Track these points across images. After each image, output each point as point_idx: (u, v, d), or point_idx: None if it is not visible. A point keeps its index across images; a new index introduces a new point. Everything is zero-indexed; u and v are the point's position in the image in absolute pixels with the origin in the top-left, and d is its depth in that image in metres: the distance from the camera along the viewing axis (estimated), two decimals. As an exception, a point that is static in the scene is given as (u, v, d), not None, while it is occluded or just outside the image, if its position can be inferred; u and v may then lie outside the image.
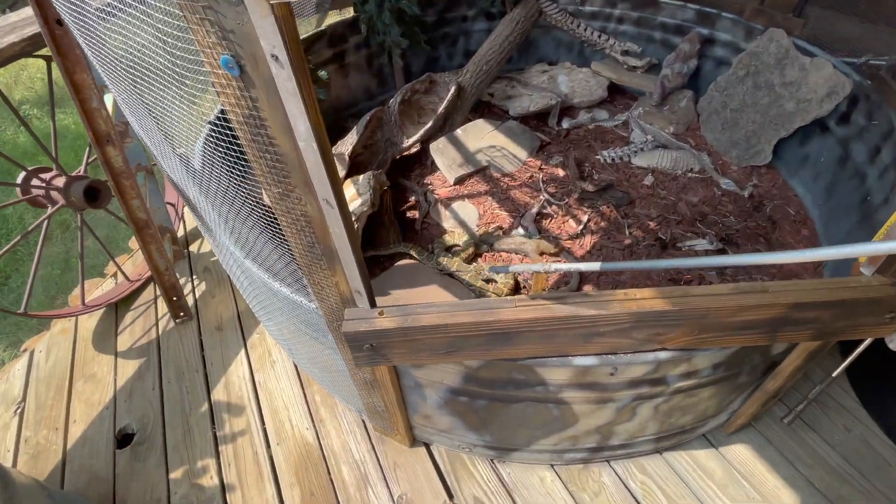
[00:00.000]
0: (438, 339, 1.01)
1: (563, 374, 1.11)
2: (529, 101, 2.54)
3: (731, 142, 2.23)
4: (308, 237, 0.89)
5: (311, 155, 0.71)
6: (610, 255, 1.87)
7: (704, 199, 2.06)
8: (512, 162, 2.29)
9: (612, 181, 2.17)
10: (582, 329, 0.99)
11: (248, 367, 1.88)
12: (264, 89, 0.66)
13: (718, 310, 0.95)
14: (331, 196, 0.77)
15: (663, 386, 1.19)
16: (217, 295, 2.14)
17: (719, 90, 2.27)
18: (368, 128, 2.16)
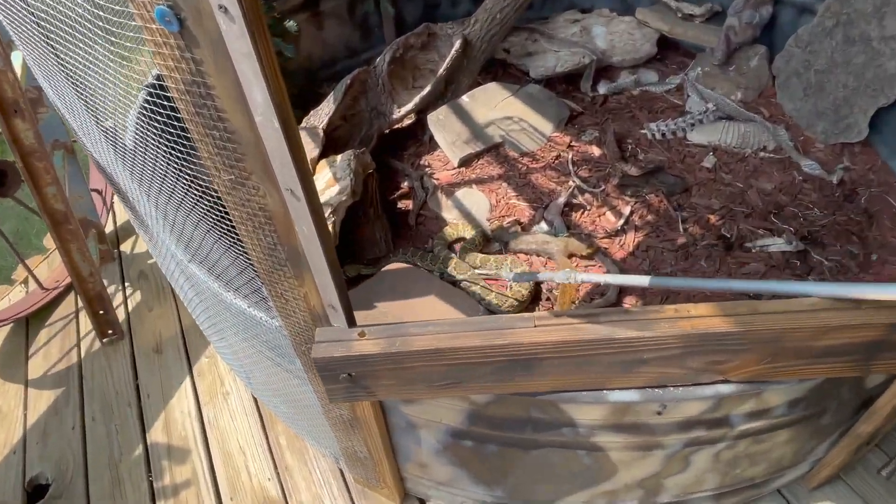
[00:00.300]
0: (437, 368, 1.01)
1: (596, 412, 1.11)
2: (556, 60, 2.54)
3: (816, 112, 2.21)
4: (268, 237, 0.89)
5: (270, 133, 0.71)
6: (659, 257, 1.87)
7: (781, 186, 2.05)
8: (533, 137, 2.29)
9: (661, 162, 2.17)
10: (621, 355, 0.98)
11: (194, 399, 1.89)
12: (210, 49, 0.66)
13: (796, 331, 0.94)
14: (297, 185, 0.77)
15: (725, 428, 1.18)
16: (155, 308, 2.15)
17: (801, 46, 2.26)
18: (349, 94, 2.17)
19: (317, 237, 0.84)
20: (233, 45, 0.64)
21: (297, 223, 0.84)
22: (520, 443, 1.24)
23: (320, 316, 1.03)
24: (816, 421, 1.27)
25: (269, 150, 0.75)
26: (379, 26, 2.79)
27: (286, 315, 1.07)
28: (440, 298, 1.77)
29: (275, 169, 0.77)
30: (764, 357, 0.99)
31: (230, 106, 0.72)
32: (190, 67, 0.69)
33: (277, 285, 1.00)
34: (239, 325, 1.42)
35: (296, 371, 1.35)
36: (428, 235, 2.01)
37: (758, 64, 2.41)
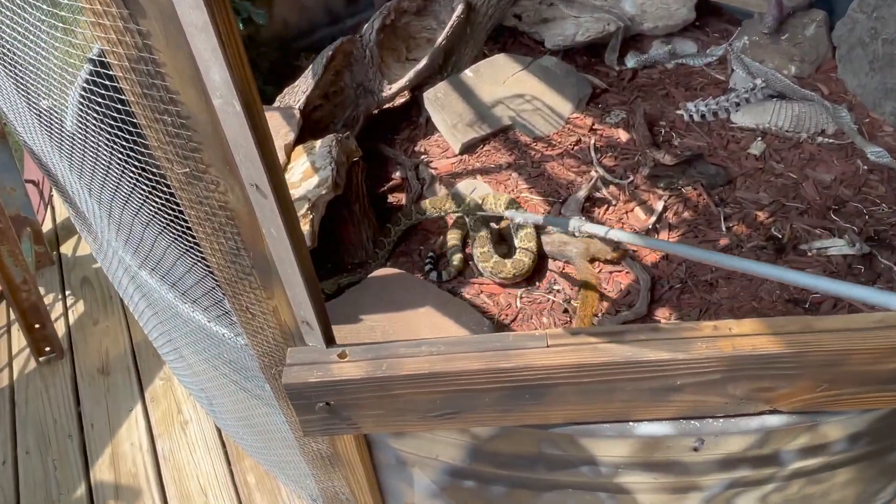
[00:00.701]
0: (431, 396, 1.01)
1: (621, 448, 1.11)
2: (576, 27, 2.54)
3: (885, 89, 2.21)
4: (230, 241, 0.89)
5: (231, 118, 0.71)
6: (697, 262, 1.87)
7: (842, 177, 2.05)
8: (549, 119, 2.29)
9: (700, 149, 2.17)
10: (649, 381, 0.98)
11: (146, 429, 1.89)
12: (160, 20, 0.66)
13: (858, 353, 0.94)
14: (263, 180, 0.77)
15: (774, 467, 1.18)
16: (101, 321, 2.16)
17: (866, 11, 2.25)
18: (331, 68, 2.17)
19: (288, 241, 0.84)
20: (186, 16, 0.64)
21: (265, 224, 0.84)
22: (531, 483, 1.24)
23: (292, 334, 1.03)
24: (883, 458, 1.26)
25: (230, 138, 0.74)
26: (367, -12, 2.80)
27: (252, 332, 1.07)
28: (437, 310, 1.77)
29: (237, 161, 0.77)
30: (820, 383, 0.98)
31: (184, 87, 0.71)
32: (135, 41, 0.68)
33: (242, 297, 1.00)
34: (198, 343, 1.42)
35: (265, 397, 1.35)
36: (424, 235, 2.01)
37: (815, 33, 2.41)
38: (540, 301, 1.82)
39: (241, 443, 1.80)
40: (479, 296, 1.84)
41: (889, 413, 1.11)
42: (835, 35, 2.38)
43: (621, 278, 1.85)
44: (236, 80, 0.68)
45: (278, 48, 2.58)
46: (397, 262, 1.96)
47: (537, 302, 1.82)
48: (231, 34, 0.66)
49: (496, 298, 1.83)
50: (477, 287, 1.86)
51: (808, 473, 1.23)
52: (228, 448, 1.86)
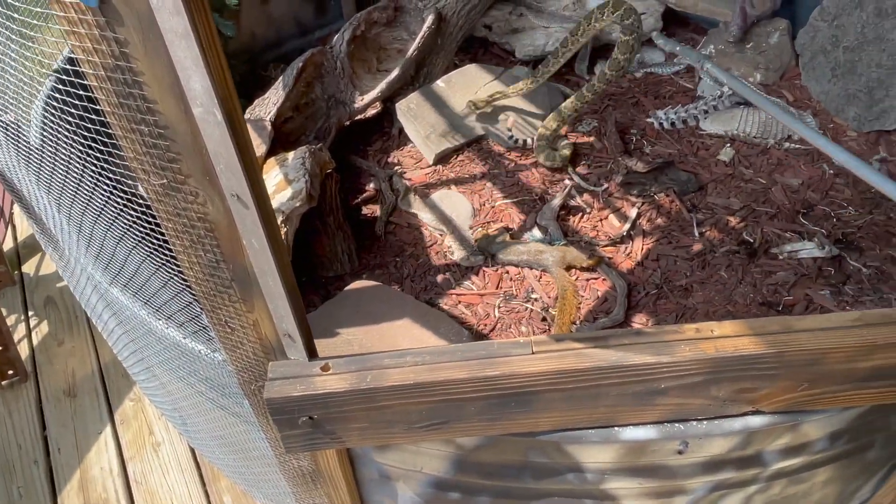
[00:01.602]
0: (417, 406, 1.00)
1: (606, 453, 1.12)
2: (546, 37, 2.58)
3: (847, 95, 2.28)
4: (209, 253, 0.88)
5: (212, 128, 0.71)
6: (672, 267, 1.89)
7: (810, 182, 2.10)
8: (522, 129, 2.31)
9: (671, 156, 2.21)
10: (633, 385, 0.99)
11: (116, 452, 1.85)
12: (138, 28, 0.65)
13: (836, 351, 0.96)
14: (245, 189, 0.76)
15: (758, 468, 1.20)
16: (67, 341, 2.11)
17: (827, 19, 2.33)
18: (301, 79, 2.17)
19: (269, 253, 0.84)
20: (166, 23, 0.63)
21: (246, 236, 0.83)
22: (517, 493, 1.24)
23: (273, 348, 1.02)
24: (862, 456, 1.29)
25: (210, 148, 0.74)
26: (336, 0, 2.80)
27: (231, 347, 1.06)
28: (415, 321, 1.76)
29: (217, 171, 0.76)
30: (800, 383, 1.01)
31: (162, 96, 0.71)
32: (112, 50, 0.68)
33: (221, 311, 0.98)
34: (173, 361, 1.40)
35: (244, 415, 1.33)
36: (400, 246, 2.01)
37: (779, 41, 2.48)
38: (518, 310, 1.82)
39: (216, 463, 1.77)
40: (457, 306, 1.84)
41: (867, 411, 1.14)
42: (798, 43, 2.45)
43: (598, 285, 1.87)
44: (217, 88, 0.68)
45: (247, 60, 2.57)
46: (373, 274, 1.95)
47: (515, 311, 1.82)
48: (212, 41, 0.66)
49: (474, 308, 1.83)
50: (455, 298, 1.87)
51: (790, 473, 1.25)
52: (203, 469, 1.83)
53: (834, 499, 1.42)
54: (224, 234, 0.85)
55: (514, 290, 1.87)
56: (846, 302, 1.79)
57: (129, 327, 1.48)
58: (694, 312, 1.79)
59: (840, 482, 1.36)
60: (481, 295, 1.87)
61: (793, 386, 1.01)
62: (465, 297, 1.86)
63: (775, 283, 1.84)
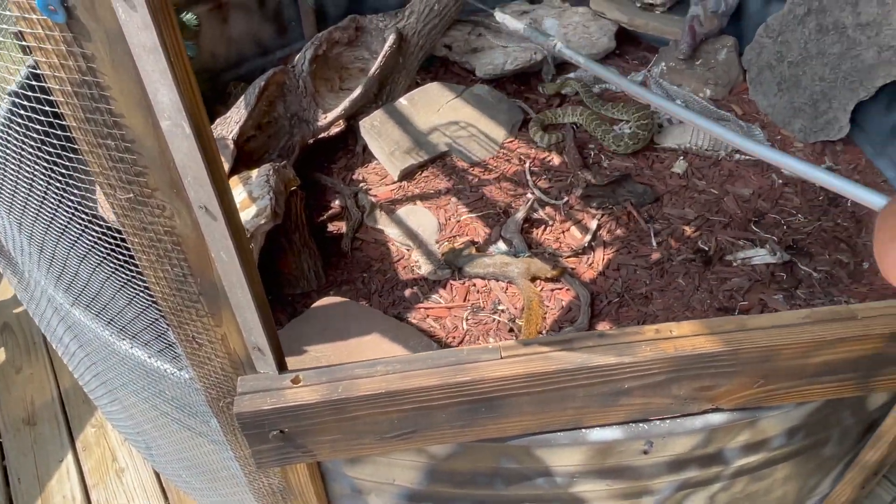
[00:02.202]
0: (389, 415, 1.01)
1: (575, 456, 1.13)
2: (505, 57, 2.63)
3: (793, 108, 2.38)
4: (176, 267, 0.88)
5: (180, 140, 0.71)
6: (633, 276, 1.94)
7: (760, 192, 2.18)
8: (484, 145, 2.35)
9: (628, 170, 2.27)
10: (599, 386, 1.01)
11: (79, 480, 1.80)
12: (106, 42, 0.66)
13: (788, 347, 1.00)
14: (213, 201, 0.77)
15: (720, 466, 1.23)
16: (25, 368, 2.05)
17: (771, 36, 2.43)
18: (264, 98, 2.17)
19: (238, 264, 0.84)
20: (134, 37, 0.64)
21: (214, 248, 0.83)
22: (489, 501, 1.25)
23: (242, 362, 1.02)
24: (818, 452, 1.34)
25: (178, 160, 0.74)
26: (296, 20, 2.82)
27: (199, 364, 1.05)
28: (384, 336, 1.77)
29: (185, 183, 0.76)
30: (756, 379, 1.04)
31: (130, 109, 0.71)
32: (79, 65, 0.68)
33: (188, 327, 0.98)
34: (137, 382, 1.37)
35: (210, 433, 1.32)
36: (367, 262, 2.02)
37: (726, 57, 2.58)
38: (485, 322, 1.84)
39: (183, 486, 1.74)
40: (426, 320, 1.85)
41: (821, 406, 1.18)
42: (744, 59, 2.55)
43: (562, 295, 1.90)
44: (185, 101, 0.69)
45: (207, 80, 2.56)
46: (340, 291, 1.95)
47: (483, 323, 1.84)
48: (179, 55, 0.67)
49: (442, 321, 1.85)
50: (423, 311, 1.88)
51: (751, 471, 1.29)
52: (169, 493, 1.79)
53: (794, 495, 1.46)
54: (191, 247, 0.85)
55: (481, 303, 1.89)
56: (798, 305, 1.86)
57: (91, 349, 1.45)
58: (654, 319, 1.83)
59: (799, 479, 1.40)
60: (449, 308, 1.88)
61: (749, 382, 1.05)
62: (434, 311, 1.88)
63: (731, 288, 1.90)
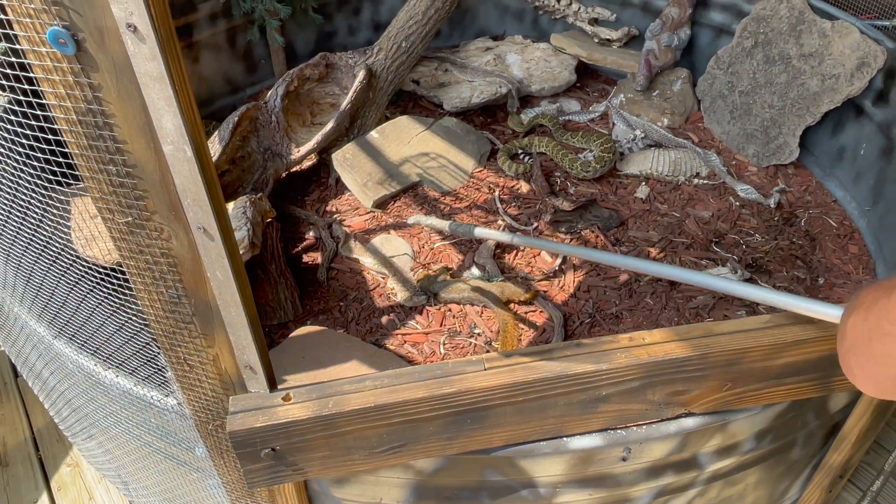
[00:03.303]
0: (377, 429, 1.04)
1: (557, 465, 1.18)
2: (471, 91, 2.72)
3: (745, 134, 2.51)
4: (171, 289, 0.91)
5: (182, 164, 0.75)
6: (602, 297, 2.01)
7: (719, 214, 2.29)
8: (454, 175, 2.42)
9: (594, 195, 2.36)
10: (578, 394, 1.06)
11: (54, 521, 1.76)
12: (113, 72, 0.70)
13: (753, 350, 1.07)
14: (212, 222, 0.81)
15: (695, 471, 1.28)
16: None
17: (722, 67, 2.58)
18: (237, 133, 2.21)
19: (234, 283, 0.87)
20: (141, 67, 0.68)
21: (210, 268, 0.87)
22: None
23: (233, 382, 1.04)
24: (786, 455, 1.40)
25: (178, 183, 0.78)
26: (266, 58, 2.88)
27: (189, 386, 1.07)
28: (363, 362, 1.79)
29: (185, 205, 0.80)
30: (724, 382, 1.10)
31: (132, 136, 0.75)
32: (85, 94, 0.72)
33: (180, 349, 1.00)
34: (119, 413, 1.38)
35: (195, 462, 1.32)
36: (343, 291, 2.05)
37: (681, 88, 2.71)
38: (462, 345, 1.88)
39: (163, 522, 1.72)
40: (404, 346, 1.89)
41: (786, 408, 1.25)
42: (698, 90, 2.69)
43: (536, 317, 1.96)
44: (188, 126, 0.73)
45: (180, 118, 2.59)
46: (317, 320, 1.98)
47: (460, 346, 1.88)
48: (183, 83, 0.72)
49: (420, 347, 1.88)
50: (400, 338, 1.91)
51: (725, 475, 1.34)
52: (148, 530, 1.76)
53: (766, 499, 1.52)
54: (188, 268, 0.88)
55: (457, 327, 1.93)
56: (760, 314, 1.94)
57: (71, 382, 1.45)
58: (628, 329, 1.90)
59: (770, 483, 1.46)
60: (426, 333, 1.92)
61: (718, 386, 1.11)
62: (411, 337, 1.91)
63: (696, 306, 1.98)
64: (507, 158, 2.46)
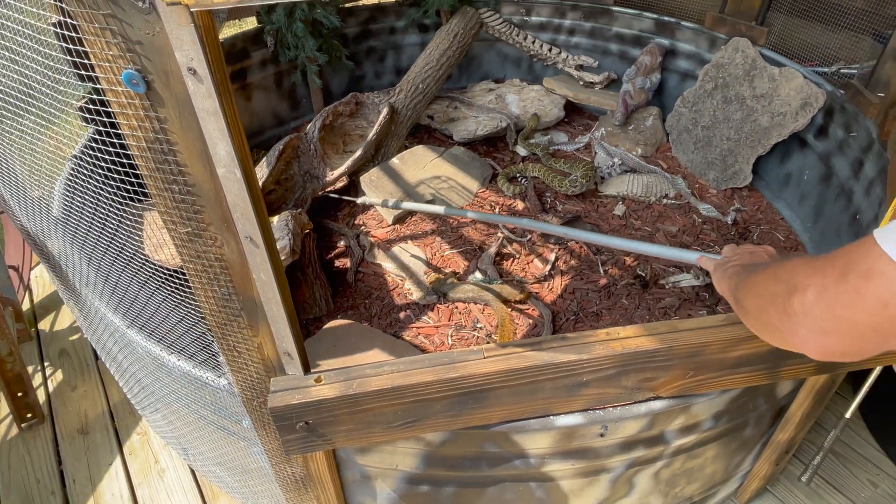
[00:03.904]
0: (394, 407, 1.03)
1: (545, 440, 1.17)
2: (476, 124, 2.72)
3: (707, 162, 2.49)
4: (223, 288, 0.91)
5: (232, 183, 0.76)
6: (585, 297, 1.99)
7: (684, 229, 2.27)
8: (461, 195, 2.42)
9: (578, 212, 2.35)
10: (563, 379, 1.05)
11: (126, 480, 1.77)
12: (176, 108, 0.70)
13: (712, 344, 1.05)
14: (256, 232, 0.81)
15: (662, 446, 1.27)
16: (80, 386, 2.03)
17: (687, 106, 2.56)
18: (282, 159, 2.22)
19: (275, 283, 0.87)
20: (199, 104, 0.69)
21: (255, 271, 0.87)
22: (475, 481, 1.27)
23: (274, 366, 1.04)
24: (740, 433, 1.38)
25: (229, 200, 0.78)
26: (307, 97, 2.89)
27: (238, 369, 1.07)
28: (383, 350, 1.79)
29: (235, 218, 0.80)
30: (687, 371, 1.09)
31: (192, 160, 0.76)
32: (153, 126, 0.73)
33: (230, 337, 1.00)
34: (180, 391, 1.38)
35: (242, 432, 1.32)
36: (368, 291, 2.05)
37: (653, 123, 2.70)
38: (467, 337, 1.88)
39: (216, 482, 1.71)
40: (418, 337, 1.88)
41: (740, 394, 1.23)
42: (667, 125, 2.68)
43: (529, 314, 1.95)
44: (238, 152, 0.73)
45: (234, 146, 2.60)
46: (346, 315, 1.98)
47: (465, 338, 1.87)
48: (234, 117, 0.72)
49: (431, 338, 1.88)
50: (415, 330, 1.90)
51: (687, 450, 1.32)
52: (204, 489, 1.76)
53: (723, 471, 1.50)
54: (237, 271, 0.88)
55: (463, 322, 1.92)
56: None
57: (140, 364, 1.46)
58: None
59: (726, 457, 1.44)
60: (437, 327, 1.91)
61: (682, 374, 1.09)
62: (424, 329, 1.91)
63: (665, 307, 1.96)
64: (506, 181, 2.46)
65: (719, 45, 2.44)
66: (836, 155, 2.04)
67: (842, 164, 2.00)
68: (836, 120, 2.06)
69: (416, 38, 2.97)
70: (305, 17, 2.54)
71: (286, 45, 2.64)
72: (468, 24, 2.77)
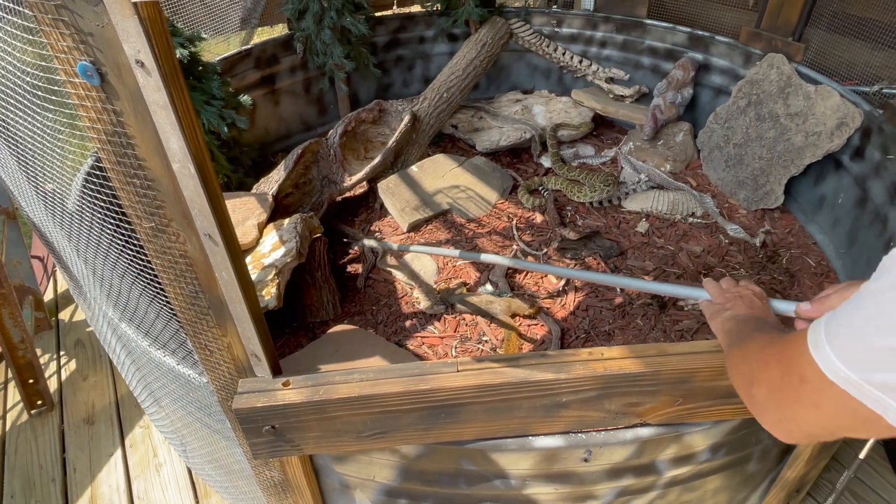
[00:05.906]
0: (362, 416, 1.00)
1: (524, 460, 1.11)
2: (500, 135, 2.68)
3: (738, 181, 2.38)
4: (189, 285, 0.90)
5: (187, 179, 0.75)
6: (598, 315, 1.92)
7: (709, 249, 2.16)
8: (479, 205, 2.38)
9: (598, 228, 2.27)
10: (540, 399, 1.00)
11: (124, 472, 1.80)
12: (130, 101, 0.70)
13: (702, 371, 0.98)
14: (214, 230, 0.80)
15: (654, 475, 1.19)
16: (91, 377, 2.08)
17: (720, 122, 2.46)
18: (300, 163, 2.24)
19: (236, 283, 0.86)
20: (150, 97, 0.68)
21: (217, 269, 0.86)
22: (454, 499, 1.22)
23: (244, 367, 1.03)
24: (743, 468, 1.29)
25: (186, 196, 0.78)
26: (334, 103, 2.92)
27: (211, 368, 1.06)
28: (385, 358, 1.76)
29: (193, 215, 0.79)
30: (676, 398, 1.02)
31: (150, 154, 0.75)
32: (111, 118, 0.73)
33: (201, 336, 1.00)
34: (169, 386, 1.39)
35: (224, 431, 1.31)
36: (377, 297, 2.03)
37: (683, 139, 2.60)
38: (471, 350, 1.83)
39: (208, 480, 1.72)
40: (421, 346, 1.85)
41: (739, 425, 1.15)
42: (698, 141, 2.58)
43: (537, 330, 1.89)
44: (190, 147, 0.72)
45: (258, 148, 2.65)
46: (353, 320, 1.96)
47: (469, 351, 1.83)
48: (187, 110, 0.71)
49: (435, 348, 1.84)
50: (420, 339, 1.87)
51: (683, 481, 1.24)
52: (197, 486, 1.76)
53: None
54: (201, 268, 0.87)
55: (468, 334, 1.88)
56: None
57: (135, 357, 1.47)
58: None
59: (728, 491, 1.34)
60: (442, 337, 1.87)
61: (670, 401, 1.02)
62: (428, 339, 1.87)
63: (681, 329, 1.87)
64: (527, 193, 2.41)
65: (754, 60, 2.34)
66: (872, 178, 1.91)
67: (878, 187, 1.87)
68: (873, 141, 1.93)
69: (446, 48, 2.96)
70: (334, 25, 2.57)
71: (315, 51, 2.67)
72: (497, 34, 2.75)
